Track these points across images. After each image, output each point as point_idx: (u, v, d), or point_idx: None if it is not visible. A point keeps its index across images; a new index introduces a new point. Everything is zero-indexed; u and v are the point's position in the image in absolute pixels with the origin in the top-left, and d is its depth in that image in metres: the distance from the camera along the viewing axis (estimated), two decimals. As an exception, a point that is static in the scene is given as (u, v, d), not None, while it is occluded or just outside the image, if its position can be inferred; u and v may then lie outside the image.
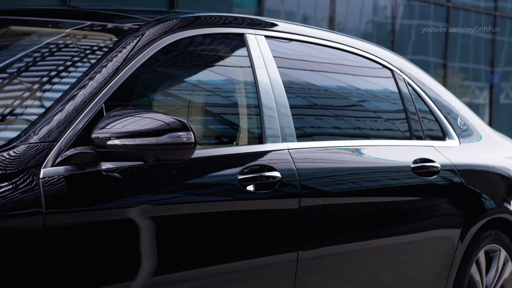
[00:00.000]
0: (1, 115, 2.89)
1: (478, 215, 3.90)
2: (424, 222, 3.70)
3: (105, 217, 2.62)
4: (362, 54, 3.79)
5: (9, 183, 2.44)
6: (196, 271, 2.85)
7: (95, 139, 2.60)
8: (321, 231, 3.28)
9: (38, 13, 3.32)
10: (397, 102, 3.85)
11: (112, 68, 2.78)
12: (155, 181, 2.77)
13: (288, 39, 3.50)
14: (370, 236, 3.47)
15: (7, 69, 3.12)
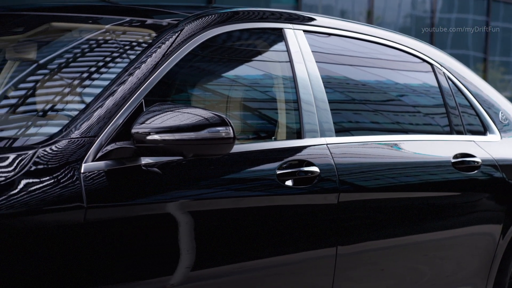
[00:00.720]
0: (42, 111, 2.93)
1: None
2: (464, 217, 3.68)
3: (144, 211, 2.64)
4: (401, 48, 3.78)
5: (51, 178, 2.47)
6: (234, 266, 2.87)
7: (135, 134, 2.63)
8: (360, 226, 3.28)
9: (78, 10, 3.35)
10: (437, 97, 3.84)
11: (151, 63, 2.81)
12: (193, 176, 2.80)
13: (327, 33, 3.50)
14: (409, 231, 3.46)
15: (48, 65, 3.16)
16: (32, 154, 2.49)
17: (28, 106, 3.09)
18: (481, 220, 3.75)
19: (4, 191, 2.38)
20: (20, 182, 2.41)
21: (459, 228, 3.66)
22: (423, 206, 3.52)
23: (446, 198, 3.62)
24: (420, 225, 3.51)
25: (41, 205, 2.42)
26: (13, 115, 2.99)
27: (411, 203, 3.47)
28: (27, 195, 2.41)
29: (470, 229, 3.70)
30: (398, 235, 3.41)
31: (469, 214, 3.71)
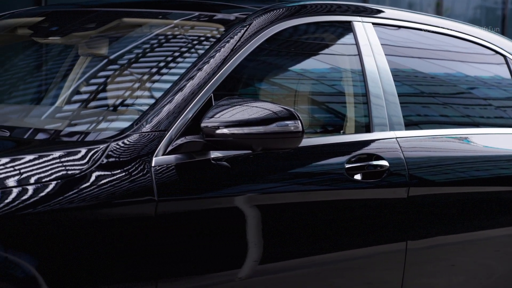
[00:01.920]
0: (113, 106, 2.99)
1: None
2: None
3: (213, 205, 2.68)
4: (473, 40, 3.74)
5: (123, 171, 2.52)
6: (302, 260, 2.88)
7: (204, 128, 2.66)
8: (431, 221, 3.26)
9: (149, 5, 3.41)
10: (509, 89, 3.79)
11: (220, 58, 2.84)
12: (261, 169, 2.82)
13: (396, 26, 3.49)
14: (480, 226, 3.43)
15: (118, 60, 3.22)
16: (105, 148, 2.54)
17: (99, 101, 3.16)
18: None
19: (78, 184, 2.43)
20: (93, 176, 2.47)
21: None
22: (494, 200, 3.48)
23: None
24: (491, 220, 3.47)
25: (113, 198, 2.47)
26: (85, 110, 3.06)
27: (481, 198, 3.44)
28: (100, 188, 2.46)
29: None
30: (468, 230, 3.38)
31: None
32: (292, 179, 2.90)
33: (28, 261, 2.28)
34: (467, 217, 3.39)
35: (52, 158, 2.46)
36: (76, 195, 2.42)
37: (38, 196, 2.36)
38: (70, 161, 2.47)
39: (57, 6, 3.59)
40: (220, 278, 2.69)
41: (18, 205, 2.32)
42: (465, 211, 3.38)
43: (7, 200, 2.30)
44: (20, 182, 2.36)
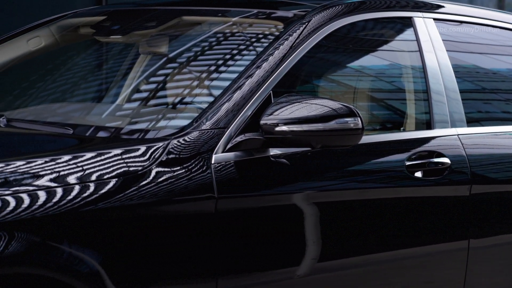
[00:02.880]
0: (173, 104, 3.02)
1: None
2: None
3: (272, 202, 2.68)
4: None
5: (183, 168, 2.54)
6: (360, 258, 2.86)
7: (263, 125, 2.67)
8: (494, 219, 3.21)
9: (208, 3, 3.43)
10: None
11: (279, 56, 2.84)
12: (319, 167, 2.81)
13: (457, 21, 3.45)
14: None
15: (177, 58, 3.24)
16: (165, 146, 2.56)
17: (158, 99, 3.19)
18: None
19: (139, 181, 2.46)
20: (153, 173, 2.49)
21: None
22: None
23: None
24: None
25: (173, 195, 2.49)
26: (145, 108, 3.09)
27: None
28: (160, 185, 2.48)
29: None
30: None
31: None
32: (350, 177, 2.89)
33: (92, 256, 2.31)
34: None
35: (114, 155, 2.49)
36: (137, 192, 2.44)
37: (100, 193, 2.39)
38: (131, 158, 2.50)
39: (118, 5, 3.63)
40: (279, 276, 2.69)
41: (80, 202, 2.35)
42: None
43: (69, 197, 2.34)
44: (82, 179, 2.39)
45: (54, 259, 2.25)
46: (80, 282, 2.27)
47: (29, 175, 2.33)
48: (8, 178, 2.29)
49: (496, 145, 3.30)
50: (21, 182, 2.30)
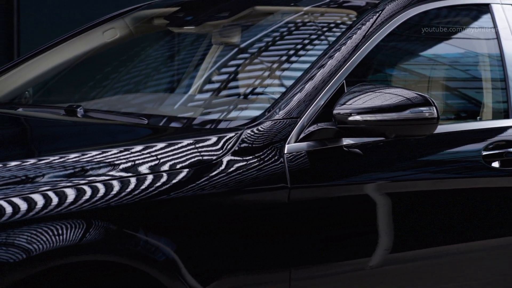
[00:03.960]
0: (244, 94, 3.00)
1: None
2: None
3: (345, 192, 2.64)
4: None
5: (256, 158, 2.52)
6: (433, 250, 2.80)
7: (336, 115, 2.63)
8: None
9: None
10: None
11: (351, 45, 2.80)
12: (392, 157, 2.76)
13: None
14: None
15: (249, 49, 3.23)
16: (238, 135, 2.55)
17: (230, 90, 3.17)
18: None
19: (212, 171, 2.45)
20: (227, 163, 2.48)
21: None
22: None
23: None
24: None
25: (247, 184, 2.47)
26: (217, 98, 3.08)
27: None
28: (234, 175, 2.47)
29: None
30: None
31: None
32: (424, 167, 2.83)
33: (168, 245, 2.31)
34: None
35: (188, 145, 2.49)
36: (211, 182, 2.43)
37: (174, 182, 2.39)
38: (204, 148, 2.49)
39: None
40: (352, 266, 2.66)
41: (156, 191, 2.35)
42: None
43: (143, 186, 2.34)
44: (156, 168, 2.39)
45: (131, 247, 2.25)
46: (156, 270, 2.27)
47: (105, 165, 2.34)
48: (84, 167, 2.30)
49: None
50: (97, 172, 2.31)
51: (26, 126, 2.96)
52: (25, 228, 2.11)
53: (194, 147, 2.48)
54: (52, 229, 2.14)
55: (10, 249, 2.08)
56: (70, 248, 2.15)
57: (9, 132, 2.92)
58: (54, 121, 2.90)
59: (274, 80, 2.99)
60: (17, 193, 2.15)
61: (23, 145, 2.72)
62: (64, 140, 2.70)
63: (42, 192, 2.18)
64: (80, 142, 2.63)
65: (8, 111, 3.04)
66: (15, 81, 3.29)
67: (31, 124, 2.96)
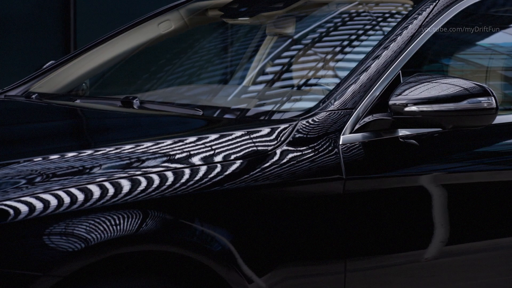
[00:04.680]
0: (298, 85, 2.97)
1: None
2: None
3: (400, 183, 2.60)
4: None
5: (311, 149, 2.50)
6: (490, 242, 2.75)
7: (392, 105, 2.59)
8: None
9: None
10: None
11: (407, 36, 2.75)
12: (448, 148, 2.71)
13: None
14: None
15: (303, 39, 3.19)
16: (293, 127, 2.52)
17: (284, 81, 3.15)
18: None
19: (267, 161, 2.43)
20: (282, 154, 2.45)
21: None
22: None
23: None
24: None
25: (302, 175, 2.45)
26: (271, 90, 3.06)
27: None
28: (289, 166, 2.44)
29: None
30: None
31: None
32: (481, 158, 2.77)
33: (223, 235, 2.29)
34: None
35: (243, 136, 2.47)
36: (266, 172, 2.41)
37: (230, 173, 2.37)
38: (259, 139, 2.47)
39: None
40: (407, 258, 2.62)
41: (211, 181, 2.34)
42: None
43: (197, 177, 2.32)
44: (211, 159, 2.38)
45: (187, 237, 2.24)
46: (212, 260, 2.26)
47: (161, 156, 2.33)
48: (140, 158, 2.29)
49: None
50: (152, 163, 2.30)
51: (84, 117, 2.97)
52: (83, 218, 2.12)
53: (249, 138, 2.46)
54: (109, 219, 2.14)
55: (70, 239, 2.08)
56: (127, 238, 2.15)
57: (67, 124, 2.93)
58: (111, 112, 2.90)
59: (328, 71, 2.96)
60: (74, 183, 2.15)
61: (80, 136, 2.73)
62: (120, 131, 2.71)
63: (99, 183, 2.17)
64: (136, 133, 2.63)
65: (67, 103, 3.06)
66: (72, 73, 3.31)
67: (88, 115, 2.97)
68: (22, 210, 2.06)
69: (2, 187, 2.10)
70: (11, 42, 6.20)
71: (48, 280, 2.04)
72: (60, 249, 2.06)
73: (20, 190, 2.09)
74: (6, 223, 2.04)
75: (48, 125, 2.82)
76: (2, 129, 2.75)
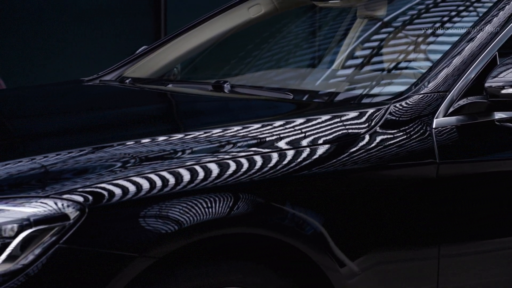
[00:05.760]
0: (387, 69, 2.89)
1: None
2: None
3: (495, 168, 2.50)
4: None
5: (403, 133, 2.43)
6: None
7: (488, 88, 2.49)
8: None
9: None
10: None
11: (504, 16, 2.63)
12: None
13: None
14: None
15: (393, 22, 3.11)
16: (385, 110, 2.45)
17: (374, 65, 3.07)
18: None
19: (358, 145, 2.37)
20: (373, 137, 2.39)
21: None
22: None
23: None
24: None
25: (394, 159, 2.38)
26: (361, 73, 2.99)
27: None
28: (381, 150, 2.38)
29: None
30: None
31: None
32: None
33: (314, 218, 2.25)
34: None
35: (333, 119, 2.41)
36: (358, 156, 2.36)
37: (321, 156, 2.33)
38: (351, 122, 2.41)
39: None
40: (502, 245, 2.52)
41: (303, 164, 2.29)
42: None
43: (285, 161, 2.28)
44: (303, 143, 2.34)
45: (278, 220, 2.20)
46: (303, 243, 2.22)
47: (252, 139, 2.30)
48: (229, 142, 2.26)
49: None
50: (245, 146, 2.27)
51: (175, 101, 2.97)
52: (175, 201, 2.10)
53: (340, 121, 2.40)
54: (201, 202, 2.12)
55: (164, 221, 2.08)
56: (219, 221, 2.13)
57: (159, 108, 2.93)
58: (202, 96, 2.88)
59: (419, 54, 2.87)
60: (165, 167, 2.13)
61: (171, 120, 2.72)
62: (211, 115, 2.69)
63: (188, 167, 2.15)
64: (226, 117, 2.61)
65: (159, 87, 3.06)
66: (164, 58, 3.31)
67: (179, 99, 2.96)
68: (116, 192, 2.06)
69: (97, 170, 2.09)
70: (105, 28, 6.28)
71: (144, 261, 2.04)
72: (155, 230, 2.06)
73: (113, 173, 2.09)
74: (102, 205, 2.04)
75: (140, 109, 2.82)
76: (97, 113, 2.77)
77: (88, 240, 2.01)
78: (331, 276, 2.25)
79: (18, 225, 1.98)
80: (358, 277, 2.29)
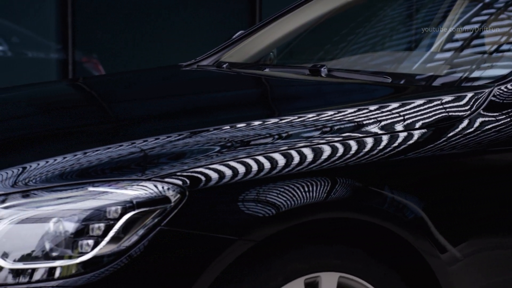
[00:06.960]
0: (489, 52, 2.80)
1: None
2: None
3: None
4: None
5: (506, 115, 2.34)
6: None
7: None
8: None
9: None
10: None
11: None
12: None
13: None
14: None
15: (494, 4, 3.00)
16: (488, 93, 2.36)
17: (475, 48, 2.97)
18: None
19: (461, 129, 2.29)
20: (476, 120, 2.31)
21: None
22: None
23: None
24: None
25: (497, 142, 2.30)
26: (461, 56, 2.90)
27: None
28: (484, 133, 2.30)
29: None
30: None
31: None
32: None
33: (415, 203, 2.18)
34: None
35: (433, 102, 2.34)
36: (460, 139, 2.28)
37: (423, 139, 2.26)
38: (452, 105, 2.33)
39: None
40: None
41: (401, 148, 2.23)
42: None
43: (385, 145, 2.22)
44: (404, 126, 2.28)
45: (378, 204, 2.15)
46: (402, 228, 2.15)
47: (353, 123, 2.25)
48: (325, 126, 2.22)
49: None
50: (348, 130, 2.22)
51: (272, 86, 2.94)
52: (271, 185, 2.07)
53: (440, 104, 2.33)
54: (298, 186, 2.09)
55: (262, 205, 2.05)
56: (317, 205, 2.09)
57: (255, 92, 2.91)
58: (298, 80, 2.85)
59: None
60: (260, 151, 2.11)
61: (267, 105, 2.69)
62: (307, 99, 2.65)
63: (283, 152, 2.12)
64: (322, 101, 2.57)
65: (255, 72, 3.04)
66: (260, 43, 3.28)
67: (276, 83, 2.93)
68: (212, 176, 2.04)
69: (194, 155, 2.08)
70: (202, 14, 6.31)
71: (243, 244, 2.02)
72: (254, 214, 2.03)
73: (210, 158, 2.07)
74: (200, 188, 2.03)
75: (237, 93, 2.80)
76: (194, 97, 2.76)
77: (188, 222, 2.00)
78: (432, 261, 2.18)
79: (122, 207, 1.99)
80: (459, 263, 2.21)
